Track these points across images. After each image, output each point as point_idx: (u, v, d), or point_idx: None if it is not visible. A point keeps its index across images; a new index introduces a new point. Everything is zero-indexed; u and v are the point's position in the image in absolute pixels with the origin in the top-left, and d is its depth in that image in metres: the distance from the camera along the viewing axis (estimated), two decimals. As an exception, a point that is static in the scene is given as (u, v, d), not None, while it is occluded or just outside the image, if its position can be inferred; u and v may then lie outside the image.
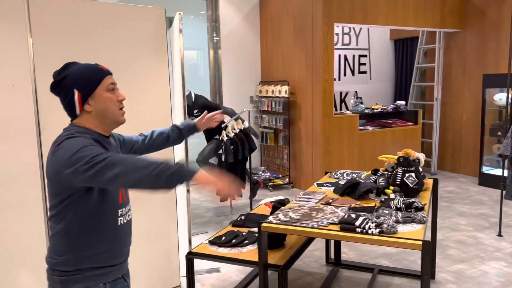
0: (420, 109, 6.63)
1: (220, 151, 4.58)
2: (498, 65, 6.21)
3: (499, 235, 4.23)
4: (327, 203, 2.65)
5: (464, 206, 5.21)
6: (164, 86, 3.11)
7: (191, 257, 2.63)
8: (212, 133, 5.05)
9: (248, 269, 3.54)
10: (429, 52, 7.27)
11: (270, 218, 2.39)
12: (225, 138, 4.52)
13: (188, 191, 3.55)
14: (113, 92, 1.56)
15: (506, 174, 4.26)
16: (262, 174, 6.28)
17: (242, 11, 6.60)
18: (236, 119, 4.67)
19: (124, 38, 2.88)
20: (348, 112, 6.06)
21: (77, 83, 1.51)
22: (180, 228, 3.46)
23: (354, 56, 7.52)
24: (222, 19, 6.44)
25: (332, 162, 5.68)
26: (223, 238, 2.78)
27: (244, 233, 2.85)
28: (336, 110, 7.36)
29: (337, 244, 3.59)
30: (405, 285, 3.28)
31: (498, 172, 6.11)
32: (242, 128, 4.56)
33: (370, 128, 6.06)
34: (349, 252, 3.90)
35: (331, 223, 2.28)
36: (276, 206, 2.97)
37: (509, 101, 5.68)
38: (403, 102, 6.48)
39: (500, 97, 6.00)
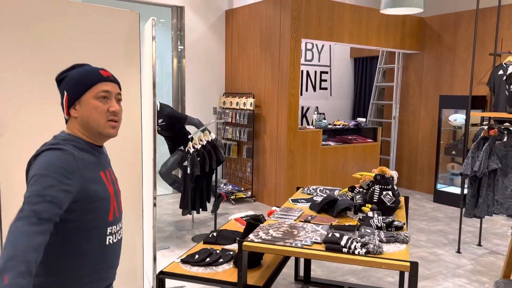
0: (379, 127, 6.80)
1: (186, 163, 4.41)
2: (453, 87, 6.51)
3: (458, 251, 4.36)
4: (306, 221, 2.59)
5: (422, 223, 5.35)
6: (135, 93, 2.94)
7: (162, 277, 2.46)
8: (176, 144, 4.88)
9: (215, 288, 3.39)
10: (388, 72, 7.51)
11: (251, 236, 2.28)
12: (192, 149, 4.36)
13: (154, 204, 3.37)
14: (104, 100, 1.41)
15: (466, 192, 4.41)
16: (224, 187, 6.15)
17: (208, 21, 6.50)
18: (203, 131, 4.54)
19: (97, 40, 2.70)
20: (310, 127, 6.09)
21: (69, 85, 1.40)
22: (144, 243, 3.27)
23: (316, 72, 7.61)
24: (187, 28, 6.30)
25: (296, 176, 5.66)
26: (196, 256, 2.63)
27: (218, 251, 2.72)
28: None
29: (307, 262, 3.53)
30: (375, 303, 3.27)
31: (451, 189, 6.36)
32: (210, 140, 4.43)
33: (332, 143, 6.12)
34: (316, 269, 3.86)
35: (315, 242, 2.21)
36: (251, 223, 2.86)
37: (465, 122, 5.96)
38: (363, 119, 6.61)
39: (455, 118, 6.27)
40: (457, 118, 6.25)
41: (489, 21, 6.03)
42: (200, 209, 4.49)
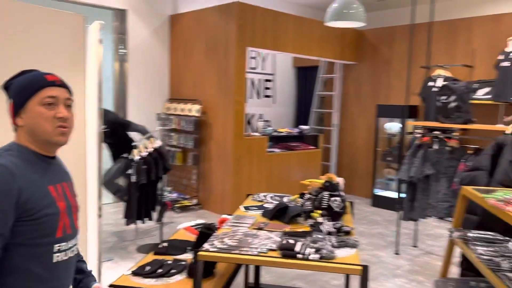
0: (321, 134, 7.03)
1: (130, 171, 4.28)
2: (389, 97, 6.90)
3: (397, 253, 4.61)
4: (260, 228, 2.61)
5: (362, 226, 5.59)
6: (80, 97, 2.82)
7: (112, 290, 2.36)
8: (119, 151, 4.72)
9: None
10: (328, 81, 7.80)
11: (206, 245, 2.27)
12: (137, 157, 4.24)
13: (99, 216, 3.24)
14: (49, 107, 1.32)
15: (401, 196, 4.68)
16: (169, 195, 6.03)
17: (152, 26, 6.38)
18: (148, 138, 4.43)
19: (40, 43, 2.56)
20: (255, 134, 6.16)
21: (13, 92, 1.33)
22: (88, 256, 3.12)
23: (260, 80, 7.72)
24: (130, 32, 6.14)
25: (242, 182, 5.69)
26: (148, 268, 2.56)
27: (170, 262, 2.66)
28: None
29: (257, 268, 3.56)
30: (323, 306, 3.37)
31: (388, 194, 6.72)
32: (156, 147, 4.33)
33: (277, 150, 6.23)
34: (265, 275, 3.90)
35: (270, 249, 2.24)
36: (204, 232, 2.84)
37: (401, 130, 6.31)
38: (306, 127, 6.80)
39: (390, 126, 6.65)
40: (392, 126, 6.62)
41: (419, 36, 6.46)
42: (146, 219, 4.37)
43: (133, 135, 4.81)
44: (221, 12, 5.64)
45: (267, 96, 7.91)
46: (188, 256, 2.83)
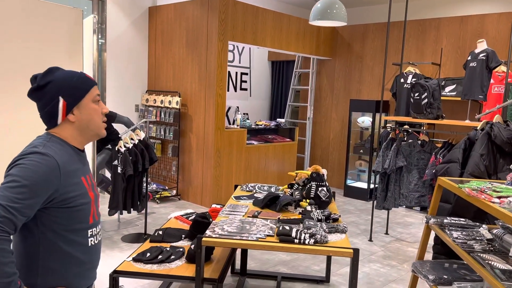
0: (296, 127, 7.25)
1: (116, 162, 4.34)
2: (361, 92, 7.19)
3: (370, 240, 4.90)
4: (254, 216, 2.78)
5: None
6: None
7: (116, 276, 2.48)
8: (104, 142, 4.75)
9: (155, 284, 3.43)
10: (303, 76, 8.01)
11: (208, 232, 2.41)
12: (123, 148, 4.30)
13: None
14: (98, 103, 1.49)
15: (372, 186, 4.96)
16: (148, 186, 6.09)
17: (131, 17, 6.37)
18: (134, 130, 4.49)
19: (38, 37, 2.60)
20: (233, 126, 6.30)
21: (63, 90, 1.41)
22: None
23: (236, 73, 7.84)
24: (109, 22, 6.11)
25: (222, 174, 5.83)
26: (148, 254, 2.68)
27: (168, 248, 2.79)
28: (219, 123, 7.55)
29: (243, 255, 3.73)
30: (306, 289, 3.59)
31: (359, 184, 7.04)
32: (142, 139, 4.40)
33: (255, 142, 6.40)
34: (250, 262, 4.08)
35: (268, 235, 2.42)
36: (198, 220, 2.99)
37: (372, 124, 6.61)
38: (283, 120, 7.00)
39: (362, 120, 6.95)
40: (364, 120, 6.93)
41: (391, 34, 6.77)
42: (131, 209, 4.45)
43: (117, 126, 4.84)
44: (203, 5, 5.72)
45: (244, 89, 8.04)
46: (183, 243, 2.96)
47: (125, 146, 4.35)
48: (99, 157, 4.68)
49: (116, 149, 4.39)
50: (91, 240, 1.49)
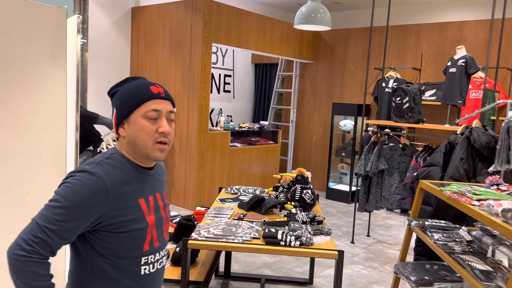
0: (279, 129, 7.29)
1: (98, 164, 4.28)
2: (343, 96, 7.28)
3: (352, 242, 4.95)
4: (240, 218, 2.79)
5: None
6: (60, 94, 2.83)
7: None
8: (86, 144, 4.69)
9: None
10: (286, 79, 8.06)
11: (194, 235, 2.41)
12: (105, 150, 4.25)
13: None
14: (152, 121, 1.28)
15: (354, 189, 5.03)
16: (130, 188, 6.03)
17: (113, 17, 6.30)
18: (116, 131, 4.44)
19: (21, 36, 2.56)
20: (217, 128, 6.30)
21: (118, 102, 1.32)
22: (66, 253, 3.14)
23: (220, 75, 7.84)
24: (91, 22, 6.04)
25: (205, 176, 5.82)
26: (132, 257, 2.65)
27: (152, 251, 2.76)
28: (202, 125, 7.53)
29: (227, 258, 3.73)
30: (290, 291, 3.61)
31: (341, 187, 7.11)
32: (124, 141, 4.36)
33: (238, 145, 6.41)
34: (233, 264, 4.08)
35: (254, 238, 2.43)
36: (183, 223, 2.98)
37: (354, 127, 6.70)
38: (266, 122, 7.02)
39: (345, 123, 7.03)
40: (346, 123, 7.01)
41: (373, 39, 6.88)
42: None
43: (99, 128, 4.79)
44: (187, 7, 5.70)
45: (227, 91, 8.05)
46: (168, 246, 2.95)
47: (107, 148, 4.30)
48: (80, 158, 4.62)
49: (98, 150, 4.34)
50: (145, 269, 1.33)
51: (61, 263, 2.47)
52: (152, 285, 1.37)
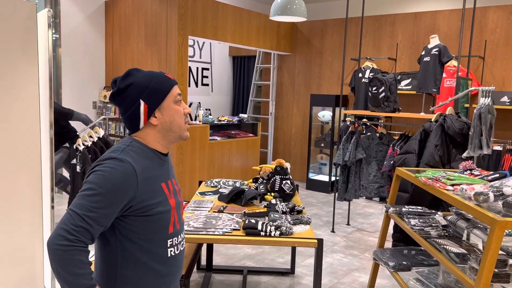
0: (259, 122, 7.30)
1: (74, 161, 4.21)
2: (321, 87, 7.33)
3: (333, 231, 5.02)
4: (220, 211, 2.79)
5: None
6: (33, 90, 2.77)
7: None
8: (61, 141, 4.60)
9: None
10: (264, 71, 8.06)
11: (174, 228, 2.40)
12: (81, 146, 4.18)
13: (52, 207, 3.21)
14: (179, 104, 1.41)
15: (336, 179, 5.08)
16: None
17: (86, 11, 6.17)
18: (92, 127, 4.37)
19: (-10, 30, 2.48)
20: (196, 122, 6.26)
21: (144, 93, 1.34)
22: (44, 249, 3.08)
23: (197, 68, 7.79)
24: (63, 16, 5.90)
25: (185, 171, 5.78)
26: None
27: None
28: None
29: (209, 251, 3.73)
30: (272, 282, 3.63)
31: (320, 177, 7.18)
32: (101, 136, 4.29)
33: (218, 138, 6.39)
34: (215, 257, 4.08)
35: (234, 229, 2.43)
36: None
37: (332, 118, 6.75)
38: (245, 115, 7.02)
39: (323, 114, 7.08)
40: (325, 114, 7.06)
41: (349, 30, 6.93)
42: (92, 208, 4.33)
43: (74, 124, 4.71)
44: (161, 0, 5.63)
45: (205, 85, 8.00)
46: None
47: (83, 144, 4.23)
48: (57, 156, 4.53)
49: (74, 147, 4.26)
50: (171, 251, 1.40)
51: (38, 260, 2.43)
52: (177, 267, 1.44)
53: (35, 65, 2.79)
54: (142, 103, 1.35)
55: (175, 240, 1.42)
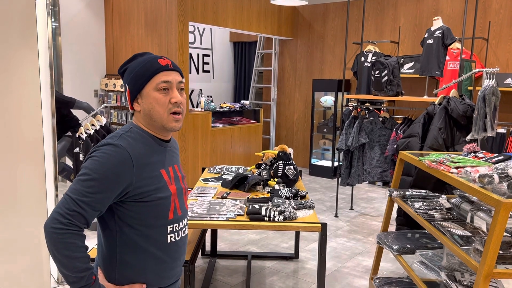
0: (261, 108, 7.27)
1: (77, 149, 4.21)
2: (323, 72, 7.27)
3: (336, 216, 5.03)
4: (224, 197, 2.79)
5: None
6: (34, 78, 2.76)
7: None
8: (63, 129, 4.60)
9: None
10: (265, 56, 8.00)
11: (178, 215, 2.40)
12: (84, 135, 4.18)
13: (56, 195, 3.23)
14: (165, 92, 1.33)
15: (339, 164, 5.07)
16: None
17: (85, -2, 6.12)
18: (94, 115, 4.36)
19: (-11, 18, 2.46)
20: (198, 109, 6.24)
21: (130, 79, 1.35)
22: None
23: (198, 54, 7.73)
24: (62, 5, 5.84)
25: (188, 158, 5.79)
26: (117, 240, 2.64)
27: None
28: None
29: (213, 237, 3.75)
30: (276, 266, 3.65)
31: (323, 163, 7.18)
32: (103, 125, 4.28)
33: (220, 125, 6.37)
34: (220, 243, 4.10)
35: (238, 215, 2.44)
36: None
37: (337, 103, 6.72)
38: (247, 102, 6.99)
39: (325, 99, 7.04)
40: (327, 99, 7.03)
41: (351, 13, 6.85)
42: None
43: (76, 113, 4.70)
44: (161, -15, 5.56)
45: (206, 71, 7.95)
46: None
47: (86, 133, 4.23)
48: (59, 145, 4.53)
49: (77, 136, 4.26)
50: (171, 237, 1.39)
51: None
52: (178, 253, 1.44)
53: (35, 52, 2.77)
54: (127, 88, 1.37)
55: (176, 226, 1.41)
